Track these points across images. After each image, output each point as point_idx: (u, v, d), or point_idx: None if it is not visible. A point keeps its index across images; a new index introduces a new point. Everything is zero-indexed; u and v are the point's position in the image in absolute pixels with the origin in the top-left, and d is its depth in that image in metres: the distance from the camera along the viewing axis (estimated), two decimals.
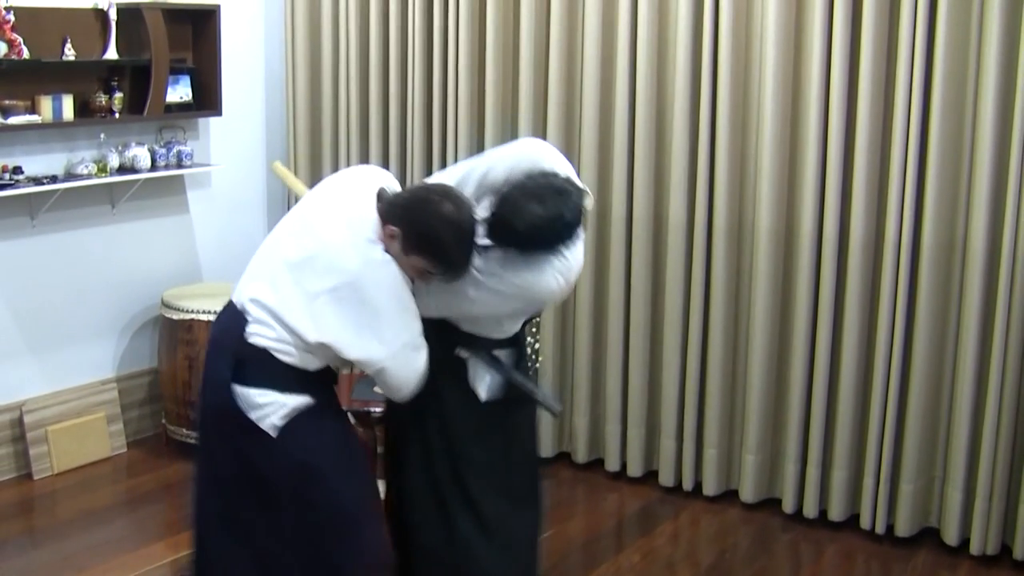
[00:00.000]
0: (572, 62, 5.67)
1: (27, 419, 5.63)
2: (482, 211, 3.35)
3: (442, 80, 6.01)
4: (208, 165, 6.36)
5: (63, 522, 5.24)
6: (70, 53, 5.50)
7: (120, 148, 5.82)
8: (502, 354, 3.64)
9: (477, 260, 3.36)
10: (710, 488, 5.56)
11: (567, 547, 5.11)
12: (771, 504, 5.47)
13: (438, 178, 3.59)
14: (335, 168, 6.50)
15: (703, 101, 5.28)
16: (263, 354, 3.34)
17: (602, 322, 5.77)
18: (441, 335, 3.52)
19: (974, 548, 4.94)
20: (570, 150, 5.71)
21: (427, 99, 6.10)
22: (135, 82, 5.85)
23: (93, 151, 5.75)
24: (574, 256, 3.48)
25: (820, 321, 5.15)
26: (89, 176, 5.64)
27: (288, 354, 3.33)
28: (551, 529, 5.22)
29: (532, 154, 3.52)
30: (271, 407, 3.35)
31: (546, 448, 5.96)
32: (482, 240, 3.34)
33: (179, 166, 6.08)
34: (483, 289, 3.39)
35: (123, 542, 4.98)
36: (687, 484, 5.62)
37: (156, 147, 5.98)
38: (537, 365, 5.68)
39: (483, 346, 3.60)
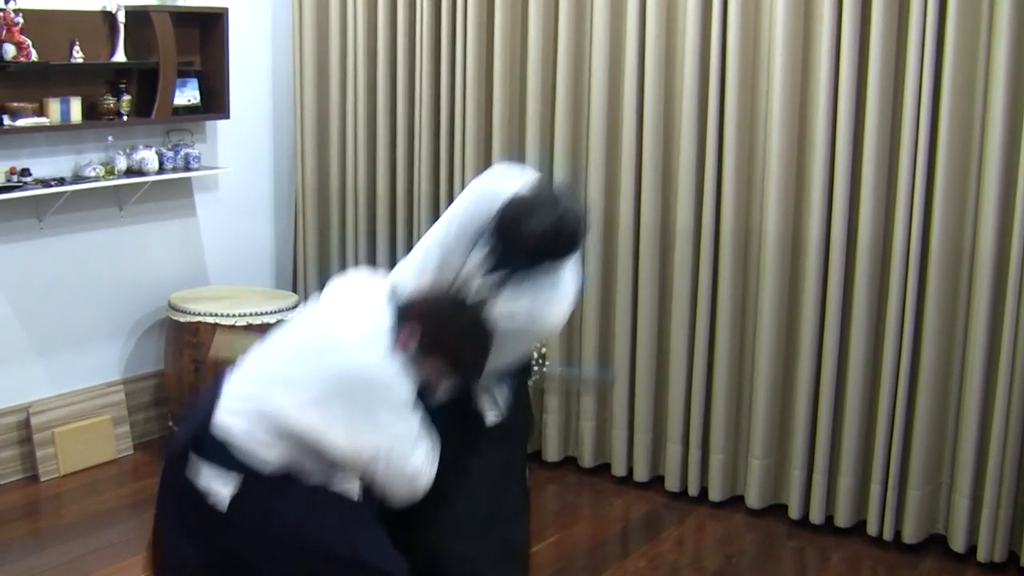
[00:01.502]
0: (580, 69, 5.66)
1: (34, 421, 5.64)
2: (476, 262, 3.30)
3: (449, 83, 6.01)
4: (215, 168, 6.37)
5: (69, 524, 5.24)
6: (78, 56, 5.51)
7: (128, 151, 5.82)
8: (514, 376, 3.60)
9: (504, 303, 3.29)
10: (716, 493, 5.55)
11: (572, 552, 5.10)
12: (777, 510, 5.46)
13: (418, 251, 3.51)
14: (342, 173, 6.52)
15: (711, 109, 5.28)
16: (224, 434, 3.15)
17: (609, 327, 5.76)
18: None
19: (981, 555, 4.93)
20: (577, 158, 5.71)
21: (434, 102, 6.10)
22: (143, 85, 5.86)
23: (101, 154, 5.75)
24: (574, 277, 3.46)
25: (827, 327, 5.14)
26: (96, 179, 5.65)
27: (255, 439, 3.12)
28: (557, 534, 5.23)
29: (487, 188, 3.47)
30: (221, 479, 3.15)
31: (552, 452, 5.96)
32: (489, 285, 3.28)
33: (186, 169, 6.08)
34: (494, 353, 3.27)
35: (129, 545, 4.97)
36: (693, 489, 5.61)
37: (163, 150, 5.98)
38: (544, 369, 5.70)
39: (497, 377, 3.50)
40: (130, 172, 5.82)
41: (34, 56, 5.30)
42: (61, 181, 5.54)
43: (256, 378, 3.22)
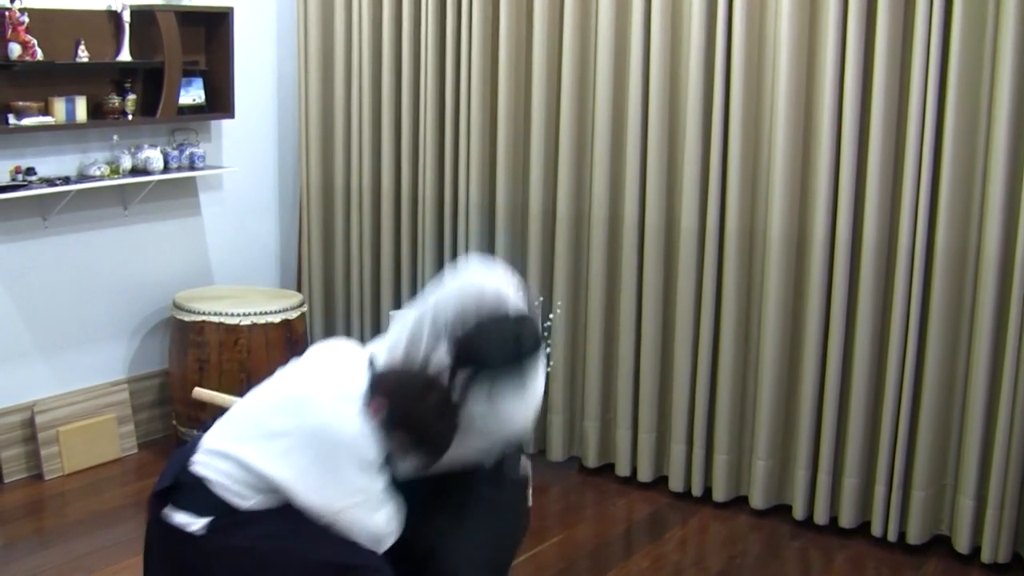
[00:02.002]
0: (585, 67, 5.67)
1: (38, 420, 5.64)
2: (444, 356, 3.40)
3: (454, 82, 6.01)
4: (220, 167, 6.37)
5: (73, 523, 5.25)
6: (83, 55, 5.52)
7: (133, 150, 5.83)
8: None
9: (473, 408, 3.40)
10: (720, 494, 5.55)
11: (576, 552, 5.10)
12: (781, 510, 5.46)
13: (393, 334, 3.61)
14: (347, 172, 6.52)
15: (715, 107, 5.27)
16: (199, 483, 3.26)
17: (613, 327, 5.76)
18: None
19: (985, 556, 4.93)
20: (582, 157, 5.72)
21: (439, 101, 6.10)
22: (148, 84, 5.86)
23: (106, 153, 5.76)
24: (540, 381, 3.56)
25: (832, 327, 5.14)
26: (101, 178, 5.65)
27: (228, 489, 3.23)
28: (560, 534, 5.23)
29: (474, 282, 3.54)
30: (195, 520, 3.26)
31: (557, 452, 5.96)
32: (458, 394, 3.38)
33: (191, 168, 6.09)
34: (462, 446, 3.41)
35: (133, 543, 4.96)
36: (697, 490, 5.61)
37: (168, 149, 5.99)
38: (548, 369, 5.71)
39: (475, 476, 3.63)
40: (135, 171, 5.83)
41: (39, 55, 5.30)
42: (66, 180, 5.55)
43: (232, 430, 3.35)
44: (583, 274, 5.82)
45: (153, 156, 5.85)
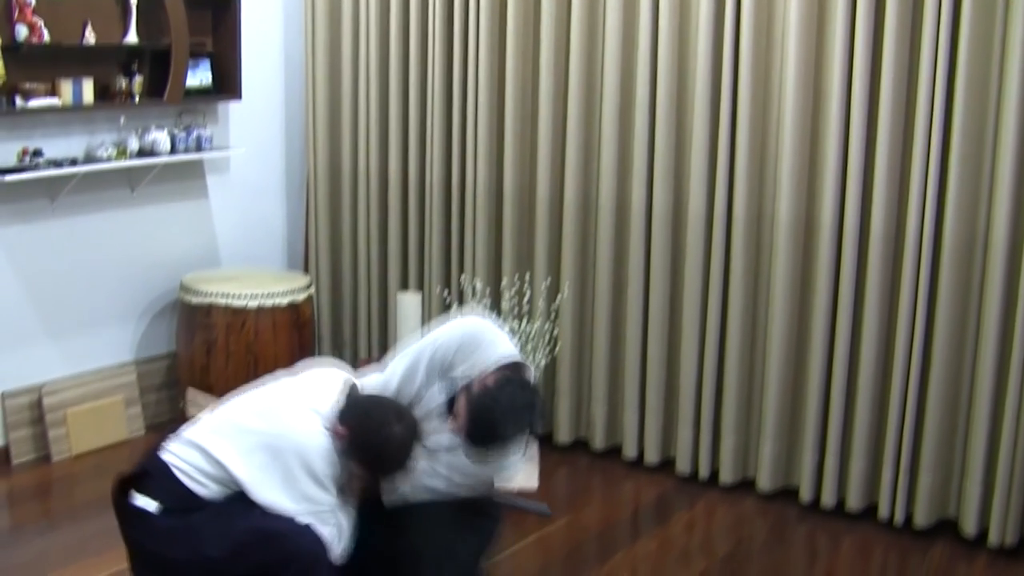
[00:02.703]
0: (592, 51, 5.65)
1: (46, 401, 5.65)
2: (438, 395, 3.61)
3: (462, 66, 6.00)
4: (227, 149, 6.37)
5: (81, 505, 5.26)
6: (90, 37, 5.51)
7: (140, 132, 5.82)
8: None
9: (445, 456, 3.62)
10: (727, 477, 5.55)
11: (583, 535, 5.11)
12: (788, 494, 5.46)
13: (390, 367, 3.76)
14: (354, 155, 6.51)
15: (723, 92, 5.26)
16: (165, 469, 3.49)
17: (621, 310, 5.76)
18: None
19: (992, 540, 4.93)
20: (589, 141, 5.71)
21: (447, 83, 6.09)
22: (155, 66, 5.85)
23: (113, 135, 5.76)
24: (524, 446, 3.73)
25: (839, 311, 5.13)
26: (109, 160, 5.65)
27: (191, 477, 3.47)
28: (567, 517, 5.23)
29: (474, 333, 3.69)
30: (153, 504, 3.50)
31: (563, 435, 5.97)
32: (453, 441, 3.59)
33: (198, 150, 6.08)
34: (444, 482, 3.64)
35: None
36: (704, 473, 5.61)
37: (176, 131, 5.98)
38: (556, 352, 5.72)
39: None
40: (142, 153, 5.82)
41: (46, 37, 5.30)
42: (73, 162, 5.54)
43: (209, 424, 3.58)
44: (590, 257, 5.81)
45: (160, 138, 5.84)
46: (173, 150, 5.93)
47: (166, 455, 3.51)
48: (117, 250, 5.97)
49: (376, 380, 3.77)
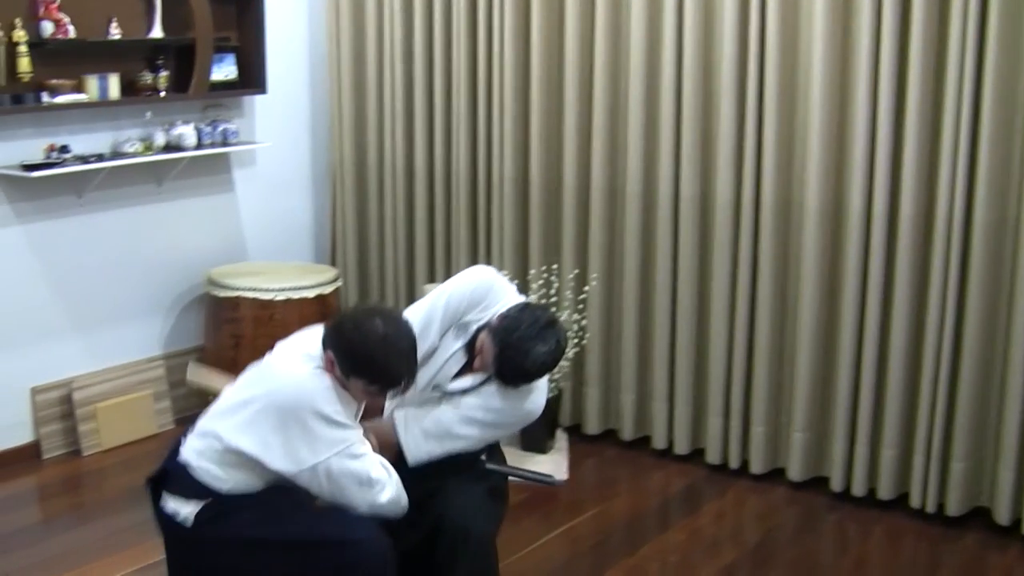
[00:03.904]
0: (618, 39, 5.62)
1: (76, 396, 5.68)
2: (453, 342, 3.59)
3: (487, 55, 5.98)
4: (253, 143, 6.37)
5: (111, 498, 5.28)
6: (115, 32, 5.52)
7: (166, 127, 5.84)
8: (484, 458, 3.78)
9: (471, 399, 3.57)
10: (757, 466, 5.53)
11: (612, 525, 5.09)
12: (818, 483, 5.42)
13: (415, 310, 3.73)
14: (380, 147, 6.51)
15: (750, 78, 5.22)
16: (184, 468, 3.38)
17: (649, 300, 5.74)
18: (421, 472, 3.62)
19: None
20: (615, 129, 5.68)
21: (472, 74, 6.07)
22: (180, 61, 5.87)
23: (139, 130, 5.77)
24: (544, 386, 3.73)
25: (869, 298, 5.09)
26: (135, 155, 5.66)
27: (207, 472, 3.35)
28: (596, 507, 5.22)
29: (485, 281, 3.73)
30: (184, 504, 3.38)
31: (592, 425, 5.96)
32: (475, 380, 3.58)
33: (224, 144, 6.10)
34: (477, 426, 3.57)
35: None
36: (734, 462, 5.59)
37: (201, 126, 5.99)
38: (584, 342, 5.70)
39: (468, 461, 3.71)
40: (168, 148, 5.84)
41: (72, 33, 5.32)
42: (100, 157, 5.56)
43: (216, 408, 3.46)
44: (618, 247, 5.79)
45: (186, 132, 5.86)
46: (199, 144, 5.94)
47: (185, 451, 3.41)
48: (144, 245, 5.99)
49: None
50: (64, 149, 5.42)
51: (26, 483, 5.42)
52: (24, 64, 5.15)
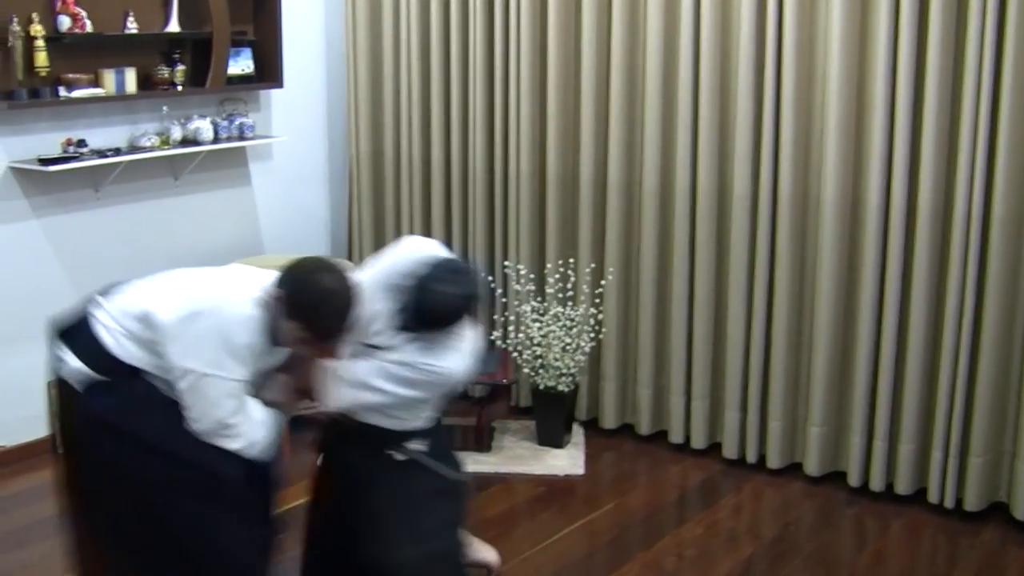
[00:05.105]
0: (635, 31, 5.61)
1: None
2: (388, 306, 3.55)
3: (503, 48, 5.97)
4: (270, 137, 6.38)
5: None
6: (132, 26, 5.53)
7: (182, 121, 5.84)
8: (419, 444, 3.73)
9: (390, 353, 3.54)
10: (774, 461, 5.52)
11: (629, 519, 5.09)
12: (836, 477, 5.41)
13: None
14: (396, 141, 6.50)
15: (767, 71, 5.21)
16: (87, 325, 3.48)
17: (666, 294, 5.73)
18: (365, 440, 3.66)
19: None
20: (632, 124, 5.67)
21: (488, 68, 6.06)
22: (197, 55, 5.87)
23: (156, 124, 5.78)
24: (474, 338, 3.66)
25: (887, 292, 5.08)
26: (152, 149, 5.67)
27: (109, 329, 3.42)
28: (613, 501, 5.22)
29: (423, 247, 3.73)
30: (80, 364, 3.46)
31: (609, 420, 5.95)
32: (394, 330, 3.54)
33: (241, 139, 6.10)
34: (392, 380, 3.52)
35: None
36: (751, 457, 5.58)
37: (218, 120, 5.99)
38: (601, 336, 5.69)
39: (403, 439, 3.69)
40: (185, 142, 5.84)
41: (89, 27, 5.33)
42: (117, 151, 5.57)
43: (143, 284, 3.54)
44: (634, 241, 5.78)
45: (203, 126, 5.86)
46: (216, 138, 5.96)
47: (95, 308, 3.49)
48: (161, 238, 5.99)
49: None
50: (81, 143, 5.43)
51: (43, 476, 5.42)
52: (41, 58, 5.16)
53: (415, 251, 3.69)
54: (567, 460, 5.60)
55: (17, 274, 5.47)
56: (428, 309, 3.43)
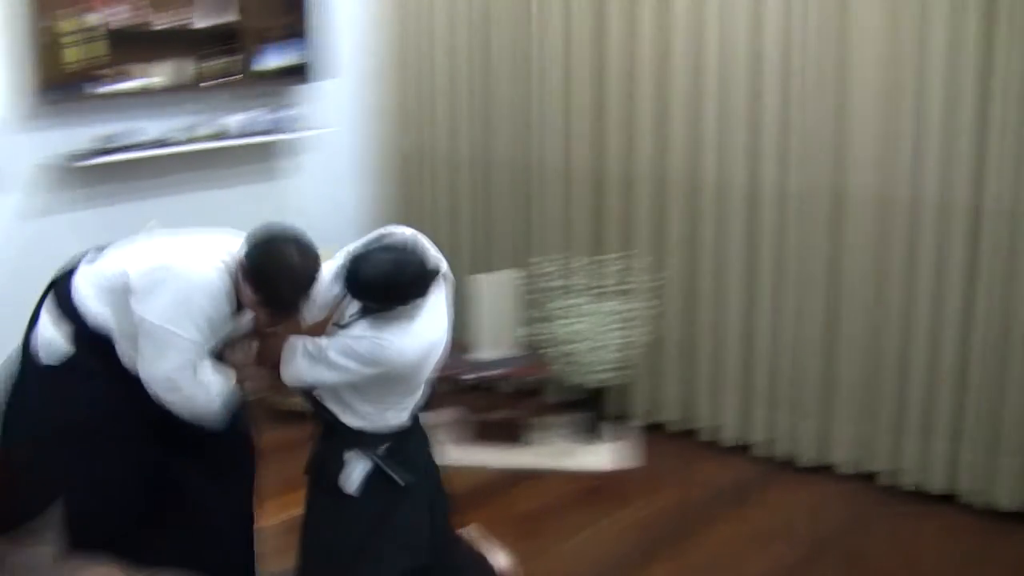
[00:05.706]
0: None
1: None
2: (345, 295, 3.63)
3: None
4: (306, 131, 6.38)
5: None
6: (165, 20, 5.53)
7: (215, 115, 5.85)
8: (382, 449, 3.72)
9: (349, 330, 3.58)
10: (805, 459, 5.49)
11: (660, 518, 5.08)
12: (867, 476, 5.38)
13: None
14: (433, 137, 6.50)
15: (793, 64, 5.18)
16: (66, 279, 3.66)
17: (695, 289, 5.71)
18: (331, 437, 3.73)
19: None
20: (661, 120, 5.64)
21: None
22: (231, 49, 5.87)
23: (190, 117, 5.79)
24: (430, 330, 3.65)
25: (919, 289, 5.04)
26: (184, 143, 5.69)
27: (83, 293, 3.59)
28: (643, 499, 5.21)
29: (390, 231, 3.78)
30: (47, 342, 3.64)
31: (640, 417, 5.93)
32: (359, 311, 3.60)
33: (273, 133, 6.12)
34: (350, 357, 3.54)
35: None
36: (782, 455, 5.55)
37: (250, 114, 6.00)
38: (629, 336, 5.65)
39: (369, 443, 3.70)
40: (218, 136, 5.86)
41: (120, 22, 5.33)
42: (148, 146, 5.58)
43: (124, 247, 3.70)
44: (664, 236, 5.76)
45: (235, 120, 5.88)
46: (248, 132, 5.98)
47: (82, 262, 3.68)
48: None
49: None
50: (112, 138, 5.44)
51: None
52: (72, 54, 5.18)
53: (379, 234, 3.73)
54: (597, 457, 5.59)
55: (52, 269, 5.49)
56: (360, 274, 3.48)
